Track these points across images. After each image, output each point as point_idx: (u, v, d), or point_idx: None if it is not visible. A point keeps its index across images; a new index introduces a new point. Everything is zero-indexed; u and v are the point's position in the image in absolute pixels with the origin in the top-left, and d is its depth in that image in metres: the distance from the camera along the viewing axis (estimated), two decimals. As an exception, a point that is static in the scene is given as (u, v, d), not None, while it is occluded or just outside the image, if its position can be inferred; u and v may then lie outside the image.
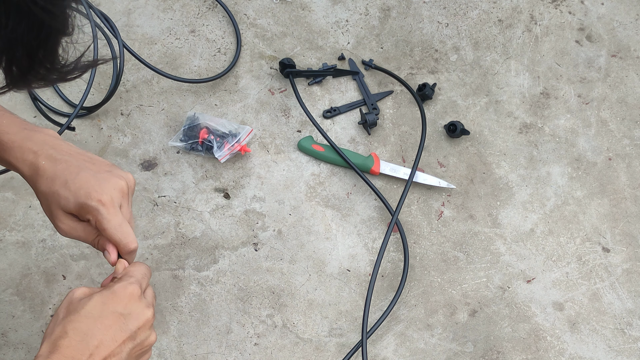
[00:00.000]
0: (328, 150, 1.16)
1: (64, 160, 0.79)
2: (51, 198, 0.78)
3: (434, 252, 1.11)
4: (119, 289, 0.74)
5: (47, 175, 0.78)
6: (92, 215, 0.78)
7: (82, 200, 0.77)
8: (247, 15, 1.29)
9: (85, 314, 0.71)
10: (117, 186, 0.79)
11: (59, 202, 0.78)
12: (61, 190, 0.78)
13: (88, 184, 0.78)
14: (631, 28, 1.30)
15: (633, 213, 1.14)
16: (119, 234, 0.78)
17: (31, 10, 0.47)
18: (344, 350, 1.03)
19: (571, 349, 1.04)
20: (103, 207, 0.77)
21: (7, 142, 0.79)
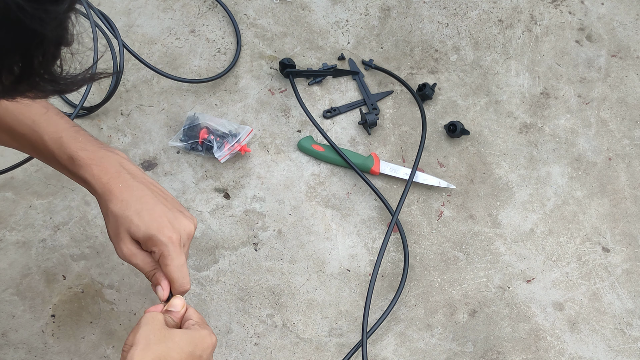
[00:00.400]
0: (328, 150, 1.16)
1: (140, 189, 0.83)
2: (122, 220, 0.81)
3: (434, 252, 1.11)
4: (207, 335, 0.80)
5: (122, 198, 0.81)
6: (158, 248, 0.81)
7: (153, 232, 0.81)
8: (247, 15, 1.29)
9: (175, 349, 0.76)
10: (187, 228, 0.83)
11: (129, 226, 0.81)
12: (134, 217, 0.81)
13: (162, 218, 0.82)
14: (631, 28, 1.31)
15: (633, 213, 1.14)
16: (180, 273, 0.82)
17: (19, 18, 0.45)
18: (344, 350, 1.03)
19: (571, 349, 1.04)
20: (171, 245, 0.81)
21: (85, 158, 0.82)
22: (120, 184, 0.82)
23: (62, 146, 0.82)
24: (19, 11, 0.45)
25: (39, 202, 1.11)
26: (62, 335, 1.02)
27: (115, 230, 0.82)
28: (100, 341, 1.02)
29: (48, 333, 1.02)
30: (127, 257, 0.83)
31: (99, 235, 1.09)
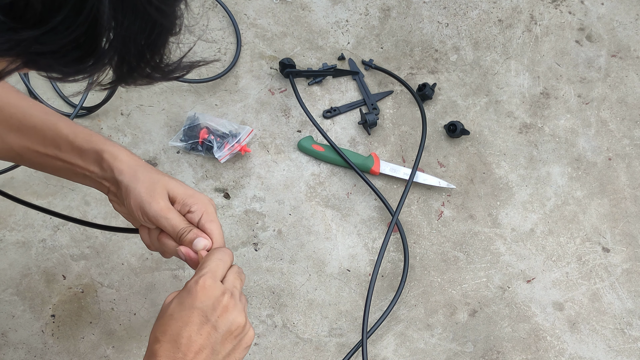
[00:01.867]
0: (328, 150, 1.16)
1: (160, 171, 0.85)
2: (159, 178, 0.82)
3: (434, 252, 1.11)
4: (191, 284, 0.76)
5: (150, 168, 0.83)
6: (200, 206, 0.82)
7: (193, 192, 0.82)
8: (247, 15, 1.29)
9: (168, 317, 0.74)
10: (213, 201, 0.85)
11: (167, 184, 0.82)
12: (170, 179, 0.83)
13: (192, 189, 0.84)
14: (631, 28, 1.31)
15: (633, 213, 1.14)
16: (220, 232, 0.82)
17: (146, 10, 0.48)
18: (344, 350, 1.03)
19: (571, 349, 1.04)
20: (212, 206, 0.83)
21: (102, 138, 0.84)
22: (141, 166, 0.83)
23: (77, 128, 0.83)
24: (146, 4, 0.48)
25: (38, 202, 1.11)
26: (62, 336, 1.02)
27: (151, 186, 0.81)
28: (100, 341, 1.02)
29: (48, 333, 1.02)
30: (164, 210, 0.81)
31: (99, 235, 1.09)
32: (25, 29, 0.46)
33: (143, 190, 0.81)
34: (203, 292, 0.75)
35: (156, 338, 0.73)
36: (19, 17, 0.46)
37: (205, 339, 0.73)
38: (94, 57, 0.50)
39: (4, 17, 0.45)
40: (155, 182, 0.81)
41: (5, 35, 0.46)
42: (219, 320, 0.74)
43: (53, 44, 0.47)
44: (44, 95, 1.19)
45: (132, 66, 0.52)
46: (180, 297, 0.75)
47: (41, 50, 0.48)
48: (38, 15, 0.45)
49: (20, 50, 0.48)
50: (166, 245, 0.83)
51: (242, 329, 0.76)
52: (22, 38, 0.46)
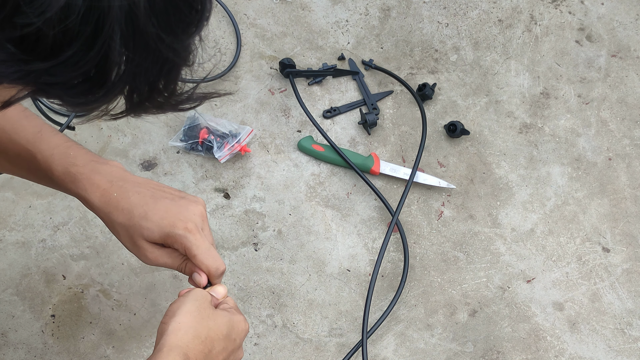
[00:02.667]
0: (328, 150, 1.16)
1: (135, 192, 0.82)
2: (132, 230, 0.80)
3: (434, 252, 1.11)
4: (241, 321, 0.80)
5: (122, 207, 0.81)
6: (179, 244, 0.81)
7: (168, 230, 0.80)
8: (247, 15, 1.29)
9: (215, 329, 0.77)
10: (197, 211, 0.82)
11: (141, 233, 0.80)
12: (142, 222, 0.80)
13: (169, 213, 0.81)
14: (631, 28, 1.31)
15: (633, 213, 1.14)
16: (209, 258, 0.81)
17: (158, 48, 0.49)
18: (344, 350, 1.03)
19: (571, 349, 1.04)
20: (190, 235, 0.80)
21: (76, 174, 0.82)
22: (115, 193, 0.81)
23: (53, 163, 0.82)
24: (158, 42, 0.48)
25: (38, 202, 1.11)
26: (62, 336, 1.02)
27: (131, 241, 0.82)
28: (100, 341, 1.02)
29: (48, 333, 1.02)
30: (154, 262, 0.82)
31: (99, 235, 1.09)
32: (35, 60, 0.46)
33: (128, 245, 0.82)
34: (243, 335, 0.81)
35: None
36: (30, 50, 0.46)
37: None
38: (104, 89, 0.50)
39: (15, 49, 0.46)
40: (132, 235, 0.81)
41: (15, 66, 0.46)
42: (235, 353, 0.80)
43: (63, 76, 0.48)
44: (43, 95, 1.19)
45: (143, 97, 0.53)
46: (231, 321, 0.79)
47: (51, 81, 0.48)
48: (49, 49, 0.46)
49: (30, 80, 0.48)
50: None
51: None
52: (32, 69, 0.47)
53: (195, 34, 0.52)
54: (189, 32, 0.51)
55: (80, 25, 0.45)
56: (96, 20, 0.45)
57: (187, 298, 0.77)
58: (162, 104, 0.54)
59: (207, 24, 0.53)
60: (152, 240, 0.81)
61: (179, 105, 0.56)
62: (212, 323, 0.76)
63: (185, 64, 0.53)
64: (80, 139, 1.16)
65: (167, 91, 0.54)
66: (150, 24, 0.47)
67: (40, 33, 0.45)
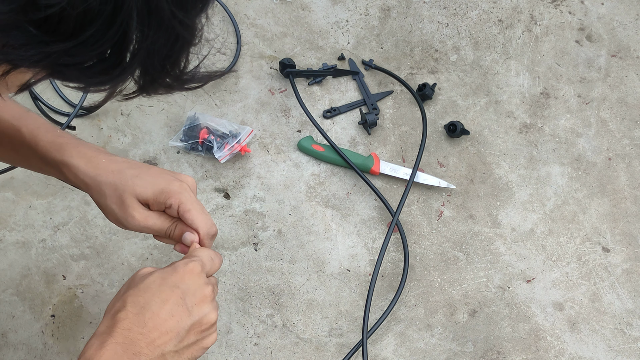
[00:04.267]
0: (328, 150, 1.16)
1: (125, 161, 0.81)
2: (123, 187, 0.79)
3: (434, 252, 1.11)
4: (180, 264, 0.75)
5: (112, 169, 0.80)
6: (174, 199, 0.79)
7: (163, 185, 0.79)
8: (247, 15, 1.29)
9: (144, 288, 0.72)
10: (190, 180, 0.82)
11: (133, 190, 0.79)
12: (135, 180, 0.79)
13: (163, 175, 0.80)
14: (631, 28, 1.31)
15: (633, 213, 1.14)
16: (204, 216, 0.80)
17: (170, 23, 0.50)
18: (344, 350, 1.03)
19: (571, 349, 1.04)
20: (186, 191, 0.80)
21: (62, 143, 0.81)
22: (104, 159, 0.80)
23: (39, 135, 0.82)
24: (172, 18, 0.49)
25: (38, 202, 1.11)
26: (62, 336, 1.02)
27: (119, 200, 0.79)
28: (100, 341, 1.02)
29: (48, 333, 1.02)
30: (142, 221, 0.80)
31: (99, 235, 1.09)
32: (56, 42, 0.47)
33: (114, 207, 0.80)
34: (190, 275, 0.74)
35: (123, 305, 0.71)
36: (52, 31, 0.47)
37: (175, 322, 0.71)
38: (119, 68, 0.51)
39: (37, 31, 0.46)
40: (122, 193, 0.79)
41: (36, 48, 0.47)
42: (194, 307, 0.73)
43: (82, 56, 0.49)
44: (43, 95, 1.19)
45: (154, 77, 0.53)
46: (163, 272, 0.74)
47: (69, 62, 0.49)
48: (70, 29, 0.47)
49: (49, 62, 0.49)
50: None
51: (211, 326, 0.75)
52: (53, 51, 0.47)
53: (203, 10, 0.54)
54: (197, 7, 0.53)
55: (100, 4, 0.46)
56: None
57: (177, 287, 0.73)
58: (171, 84, 0.55)
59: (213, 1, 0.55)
60: (143, 198, 0.79)
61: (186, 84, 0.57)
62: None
63: (194, 41, 0.54)
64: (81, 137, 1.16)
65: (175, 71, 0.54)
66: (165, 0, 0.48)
67: (64, 13, 0.45)
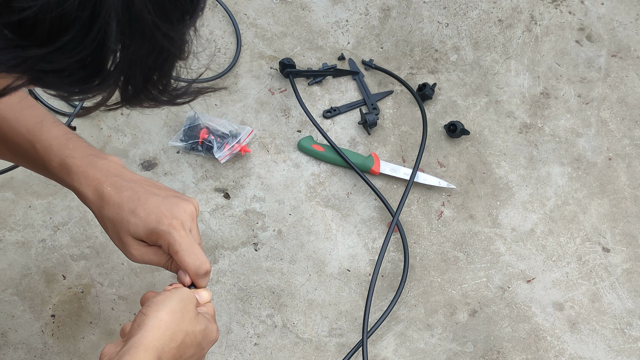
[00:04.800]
0: (328, 150, 1.16)
1: (129, 188, 0.81)
2: (119, 225, 0.80)
3: (434, 252, 1.11)
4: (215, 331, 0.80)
5: (113, 201, 0.80)
6: (163, 240, 0.79)
7: (153, 225, 0.79)
8: (247, 15, 1.29)
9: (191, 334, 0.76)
10: (187, 210, 0.81)
11: (128, 229, 0.80)
12: (130, 217, 0.79)
13: (158, 209, 0.80)
14: (631, 28, 1.31)
15: (633, 213, 1.14)
16: (192, 256, 0.80)
17: (154, 35, 0.49)
18: (344, 350, 1.03)
19: (571, 349, 1.04)
20: (175, 231, 0.79)
21: (72, 166, 0.81)
22: (109, 187, 0.81)
23: (51, 154, 0.82)
24: (154, 29, 0.48)
25: (38, 202, 1.11)
26: (62, 336, 1.02)
27: (117, 236, 0.81)
28: (100, 341, 1.02)
29: (48, 333, 1.02)
30: (139, 259, 0.82)
31: (99, 235, 1.09)
32: (32, 46, 0.46)
33: (113, 238, 0.82)
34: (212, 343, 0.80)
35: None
36: (27, 35, 0.46)
37: None
38: (100, 77, 0.50)
39: (12, 35, 0.46)
40: (119, 231, 0.81)
41: (12, 52, 0.46)
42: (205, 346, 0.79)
43: (59, 63, 0.48)
44: (44, 95, 1.19)
45: (138, 88, 0.53)
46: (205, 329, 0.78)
47: (47, 69, 0.48)
48: (46, 34, 0.46)
49: (26, 68, 0.48)
50: None
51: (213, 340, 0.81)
52: (29, 55, 0.47)
53: (191, 23, 0.52)
54: (184, 20, 0.51)
55: (77, 10, 0.45)
56: (93, 6, 0.46)
57: (174, 295, 0.76)
58: (157, 97, 0.54)
59: (202, 14, 0.53)
60: (137, 237, 0.80)
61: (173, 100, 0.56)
62: (191, 328, 0.75)
63: (180, 55, 0.53)
64: (80, 139, 1.16)
65: (162, 83, 0.53)
66: (147, 10, 0.47)
67: (38, 17, 0.45)
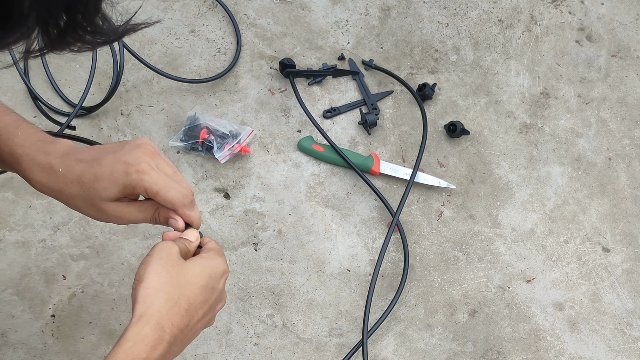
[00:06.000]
0: (328, 150, 1.16)
1: (79, 160, 0.77)
2: (90, 196, 0.77)
3: (434, 252, 1.11)
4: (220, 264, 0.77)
5: (70, 179, 0.77)
6: (139, 188, 0.76)
7: (122, 180, 0.75)
8: (247, 15, 1.29)
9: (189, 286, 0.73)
10: (144, 151, 0.77)
11: (99, 195, 0.76)
12: (95, 184, 0.76)
13: (117, 165, 0.76)
14: (631, 28, 1.31)
15: (633, 213, 1.14)
16: (172, 191, 0.76)
17: None
18: (344, 350, 1.03)
19: (571, 349, 1.04)
20: (145, 175, 0.75)
21: (21, 154, 0.78)
22: (60, 168, 0.77)
23: (0, 144, 0.78)
24: None
25: (38, 202, 1.11)
26: (62, 336, 1.02)
27: (94, 208, 0.77)
28: (100, 341, 1.02)
29: (47, 333, 1.02)
30: (125, 218, 0.78)
31: (99, 235, 1.09)
32: None
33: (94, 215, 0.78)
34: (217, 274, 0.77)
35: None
36: None
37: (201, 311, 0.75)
38: (14, 19, 0.47)
39: None
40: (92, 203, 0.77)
41: None
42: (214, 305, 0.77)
43: None
44: (44, 95, 1.19)
45: (62, 30, 0.50)
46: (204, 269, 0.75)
47: None
48: None
49: None
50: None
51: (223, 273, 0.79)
52: None
53: None
54: None
55: None
56: None
57: (151, 258, 0.73)
58: (84, 37, 0.52)
59: None
60: (112, 198, 0.77)
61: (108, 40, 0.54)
62: (183, 280, 0.72)
63: None
64: (80, 139, 1.16)
65: (88, 23, 0.51)
66: None
67: None
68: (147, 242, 1.09)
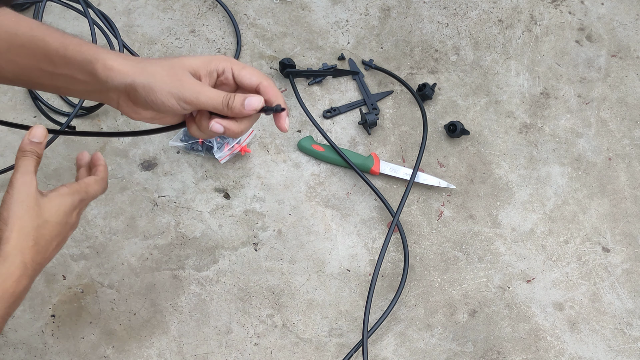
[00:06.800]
0: (328, 150, 1.16)
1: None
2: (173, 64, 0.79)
3: (434, 252, 1.11)
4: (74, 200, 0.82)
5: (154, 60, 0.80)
6: (226, 63, 0.81)
7: (209, 58, 0.81)
8: (247, 15, 1.29)
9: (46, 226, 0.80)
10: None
11: (183, 63, 0.80)
12: (183, 60, 0.80)
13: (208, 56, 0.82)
14: (631, 28, 1.31)
15: (633, 213, 1.14)
16: (256, 70, 0.81)
17: None
18: (344, 350, 1.03)
19: (571, 349, 1.04)
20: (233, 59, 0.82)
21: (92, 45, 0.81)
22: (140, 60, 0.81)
23: (66, 40, 0.81)
24: None
25: (38, 202, 1.11)
26: (62, 336, 1.02)
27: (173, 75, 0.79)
28: (100, 341, 1.02)
29: (48, 333, 1.02)
30: (202, 95, 0.79)
31: (99, 235, 1.09)
32: None
33: (167, 80, 0.79)
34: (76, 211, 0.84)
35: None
36: None
37: None
38: None
39: None
40: (173, 67, 0.80)
41: None
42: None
43: None
44: (43, 95, 1.19)
45: None
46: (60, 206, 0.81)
47: None
48: None
49: None
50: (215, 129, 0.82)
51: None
52: None
53: None
54: None
55: None
56: None
57: (12, 199, 0.78)
58: None
59: None
60: (194, 69, 0.80)
61: None
62: (42, 219, 0.79)
63: None
64: (80, 139, 1.16)
65: None
66: None
67: None
68: (147, 242, 1.09)
